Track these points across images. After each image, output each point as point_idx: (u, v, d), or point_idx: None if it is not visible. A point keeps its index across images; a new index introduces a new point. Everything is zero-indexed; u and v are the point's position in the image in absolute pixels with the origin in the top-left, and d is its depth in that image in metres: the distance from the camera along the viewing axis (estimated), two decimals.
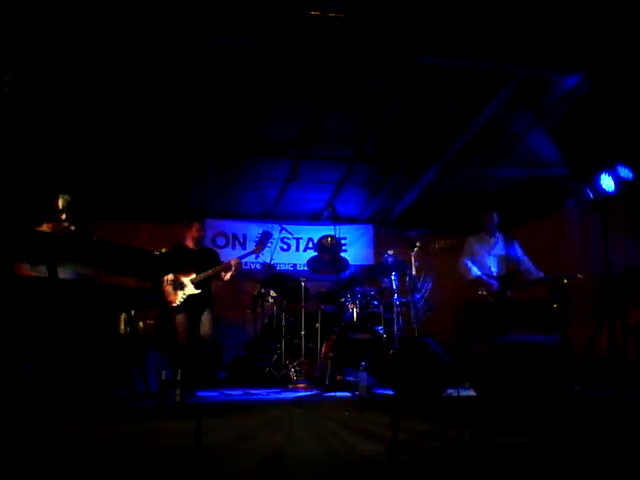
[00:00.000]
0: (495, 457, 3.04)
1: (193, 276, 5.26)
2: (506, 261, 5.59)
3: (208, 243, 7.37)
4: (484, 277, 5.42)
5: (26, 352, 3.49)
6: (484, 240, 5.67)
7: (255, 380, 5.68)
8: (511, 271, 5.54)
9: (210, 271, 5.30)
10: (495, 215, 5.68)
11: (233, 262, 5.40)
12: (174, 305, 5.19)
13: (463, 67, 4.52)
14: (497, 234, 5.68)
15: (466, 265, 5.53)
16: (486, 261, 5.58)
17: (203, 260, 5.43)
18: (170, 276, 5.19)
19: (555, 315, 5.19)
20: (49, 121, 5.23)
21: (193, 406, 3.45)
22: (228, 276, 5.42)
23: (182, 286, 5.22)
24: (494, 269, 5.56)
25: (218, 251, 6.10)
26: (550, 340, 3.90)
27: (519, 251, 5.62)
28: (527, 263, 5.54)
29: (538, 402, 3.38)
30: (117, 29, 3.93)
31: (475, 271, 5.46)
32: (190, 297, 5.22)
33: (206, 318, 5.32)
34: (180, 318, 5.25)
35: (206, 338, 5.31)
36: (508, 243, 5.63)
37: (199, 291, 5.25)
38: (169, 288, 5.20)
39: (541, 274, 5.44)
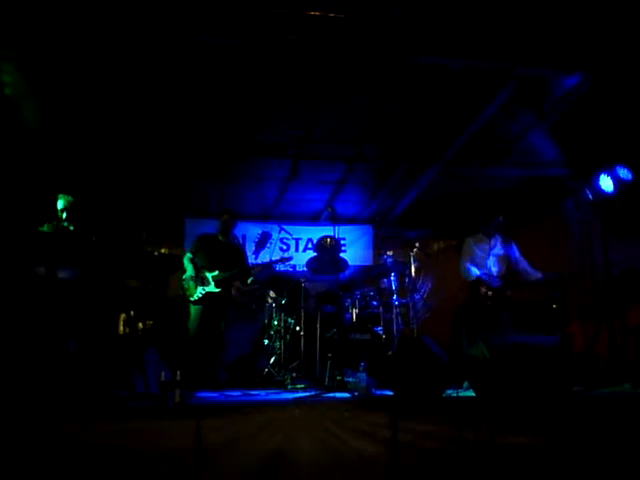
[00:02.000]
0: (495, 457, 3.04)
1: (216, 273, 5.25)
2: (505, 261, 5.60)
3: None
4: (484, 276, 5.42)
5: (26, 352, 3.49)
6: (482, 241, 5.67)
7: (254, 381, 5.68)
8: (511, 271, 5.54)
9: (233, 271, 5.30)
10: (500, 219, 5.67)
11: (253, 269, 5.45)
12: (192, 299, 5.19)
13: (463, 67, 4.52)
14: (496, 235, 5.68)
15: (467, 268, 5.54)
16: (486, 262, 5.58)
17: (229, 258, 5.43)
18: (192, 269, 5.19)
19: (555, 315, 5.20)
20: (51, 122, 5.23)
21: (193, 407, 3.45)
22: (249, 280, 5.47)
23: (203, 281, 5.22)
24: (494, 269, 5.56)
25: None
26: (550, 340, 3.91)
27: (516, 251, 5.63)
28: (523, 263, 5.56)
29: (538, 402, 3.38)
30: (120, 32, 3.93)
31: (475, 271, 5.47)
32: (208, 294, 5.22)
33: (223, 319, 5.35)
34: (195, 312, 5.26)
35: (217, 338, 5.33)
36: (506, 243, 5.63)
37: (219, 289, 5.24)
38: (190, 281, 5.20)
39: (539, 275, 5.44)
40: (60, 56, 4.27)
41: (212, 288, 5.23)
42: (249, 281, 5.49)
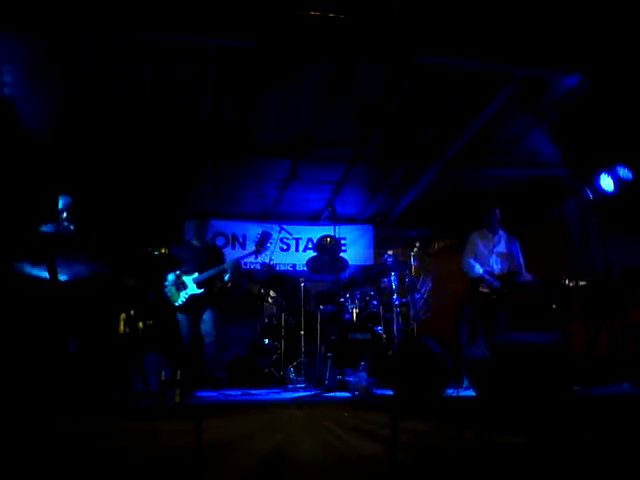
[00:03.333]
0: (495, 457, 3.04)
1: (195, 275, 5.27)
2: (509, 260, 5.57)
3: None
4: (486, 276, 5.41)
5: (26, 352, 3.49)
6: (486, 237, 5.63)
7: (255, 380, 5.68)
8: (512, 271, 5.52)
9: (211, 271, 5.31)
10: (497, 212, 5.63)
11: (228, 264, 5.43)
12: (176, 304, 5.20)
13: (463, 67, 4.53)
14: (500, 232, 5.64)
15: (470, 264, 5.50)
16: (488, 259, 5.56)
17: (207, 259, 5.44)
18: (172, 275, 5.21)
19: (555, 315, 5.20)
20: (50, 121, 5.23)
21: (192, 406, 3.44)
22: (226, 277, 5.44)
23: (184, 285, 5.24)
24: (496, 266, 5.53)
25: None
26: (550, 340, 3.90)
27: (518, 249, 5.61)
28: (520, 261, 5.54)
29: (538, 402, 3.38)
30: (118, 29, 3.92)
31: (478, 269, 5.45)
32: (192, 297, 5.23)
33: (208, 317, 5.34)
34: (182, 317, 5.27)
35: (208, 337, 5.33)
36: (511, 241, 5.60)
37: (201, 291, 5.26)
38: (171, 287, 5.22)
39: (529, 277, 5.43)
40: (59, 55, 4.27)
41: (194, 290, 5.24)
42: (226, 278, 5.48)
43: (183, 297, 5.21)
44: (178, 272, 5.24)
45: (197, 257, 5.41)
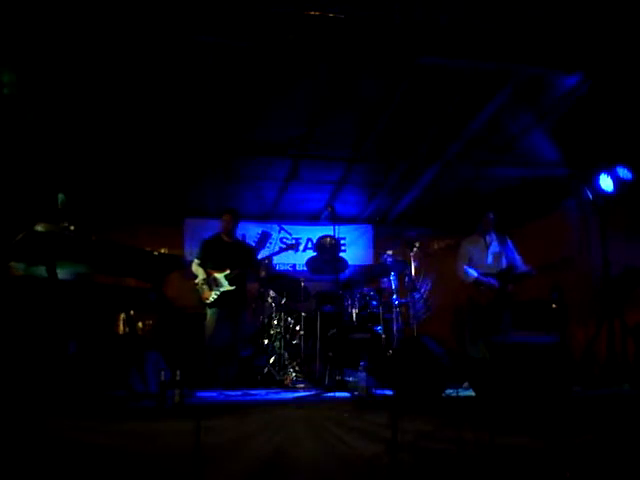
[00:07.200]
0: (495, 457, 3.04)
1: (227, 272, 5.25)
2: (504, 257, 5.59)
3: None
4: (482, 277, 5.43)
5: (26, 352, 3.49)
6: (478, 242, 5.69)
7: (254, 380, 5.67)
8: (508, 266, 5.54)
9: (244, 268, 5.31)
10: (491, 216, 5.69)
11: (266, 260, 5.45)
12: (208, 301, 5.20)
13: (463, 67, 4.52)
14: (491, 233, 5.69)
15: (464, 269, 5.54)
16: (485, 261, 5.58)
17: (237, 255, 5.43)
18: (202, 273, 5.19)
19: (554, 315, 5.20)
20: (49, 121, 5.23)
21: (192, 406, 3.44)
22: (264, 273, 5.47)
23: (216, 282, 5.22)
24: (494, 267, 5.55)
25: None
26: (549, 340, 3.90)
27: (511, 247, 5.64)
28: (516, 259, 5.57)
29: (537, 402, 3.38)
30: (117, 29, 3.92)
31: (472, 273, 5.48)
32: (224, 294, 5.22)
33: (242, 317, 5.37)
34: (211, 315, 5.26)
35: (241, 338, 5.35)
36: (502, 241, 5.65)
37: (233, 287, 5.25)
38: (203, 284, 5.21)
39: (527, 268, 5.47)
40: (57, 55, 4.27)
41: (226, 287, 5.24)
42: (263, 274, 5.52)
43: (215, 294, 5.20)
44: (209, 269, 5.23)
45: (228, 252, 5.41)
